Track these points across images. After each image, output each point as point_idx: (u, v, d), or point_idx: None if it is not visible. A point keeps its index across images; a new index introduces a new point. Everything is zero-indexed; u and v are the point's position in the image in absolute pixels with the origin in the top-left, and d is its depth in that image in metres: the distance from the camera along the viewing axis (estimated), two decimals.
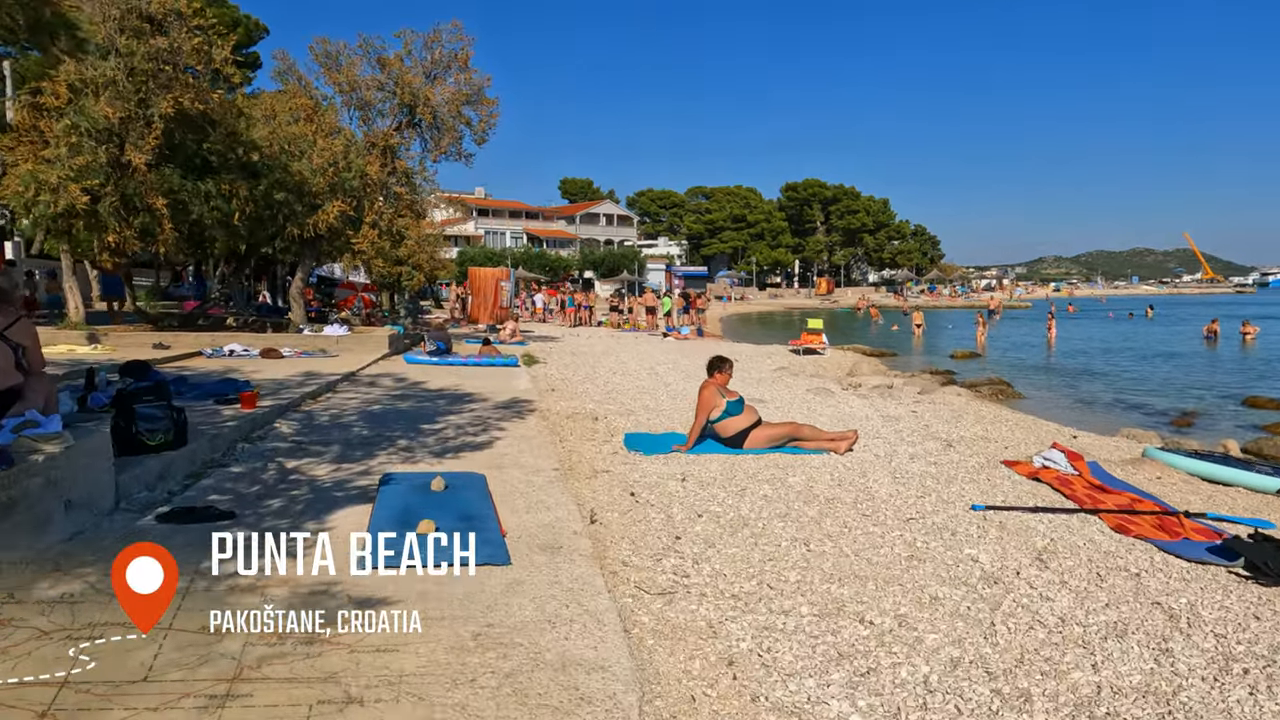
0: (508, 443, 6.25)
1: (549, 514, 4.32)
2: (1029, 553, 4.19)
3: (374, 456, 5.59)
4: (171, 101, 10.43)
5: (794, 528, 4.47)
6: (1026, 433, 8.54)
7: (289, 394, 7.81)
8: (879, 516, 4.76)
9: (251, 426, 6.14)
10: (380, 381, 9.80)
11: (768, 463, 6.08)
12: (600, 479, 5.40)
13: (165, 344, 11.43)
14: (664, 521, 4.49)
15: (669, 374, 12.52)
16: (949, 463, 6.34)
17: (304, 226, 13.40)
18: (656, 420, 7.87)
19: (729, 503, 4.92)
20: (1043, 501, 5.30)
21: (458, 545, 3.54)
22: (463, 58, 14.28)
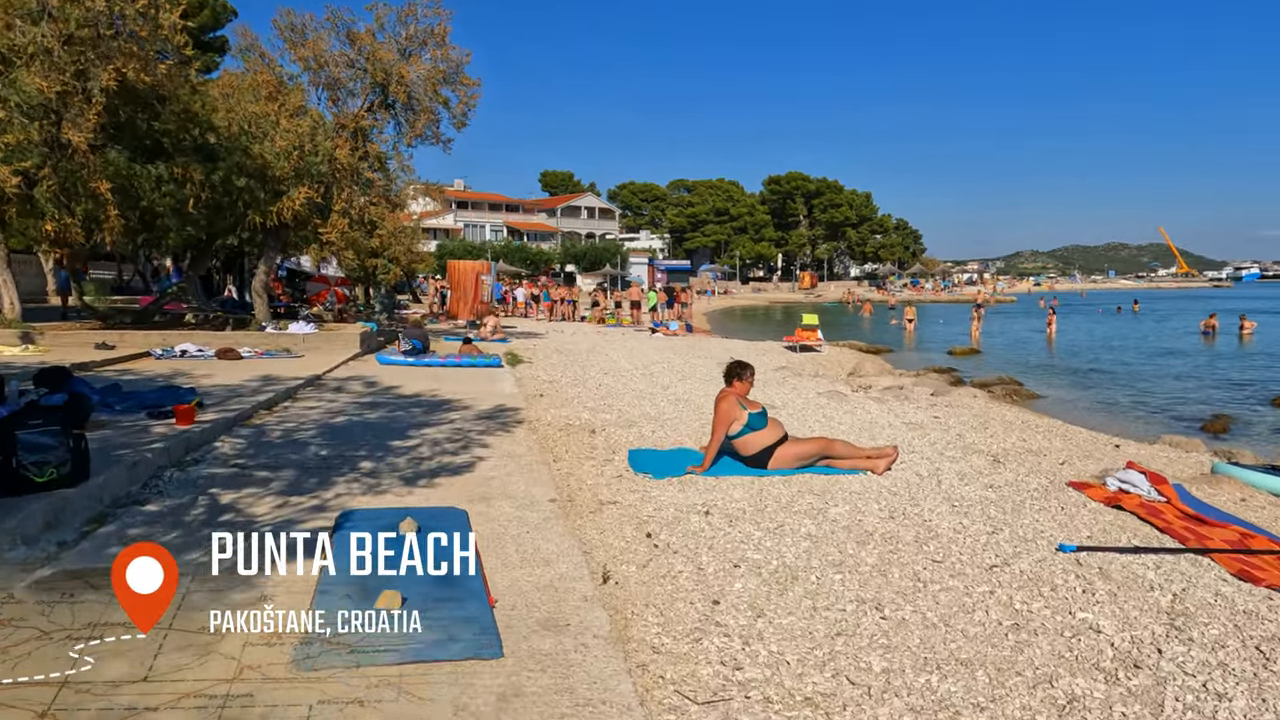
0: (493, 464, 5.31)
1: (549, 569, 3.40)
2: (1155, 615, 3.33)
3: (331, 485, 4.63)
4: (113, 73, 9.32)
5: (856, 582, 3.57)
6: (1067, 442, 7.72)
7: (239, 404, 6.80)
8: (953, 563, 3.87)
9: (185, 448, 5.14)
10: (348, 386, 8.79)
11: (799, 487, 5.18)
12: (607, 513, 4.47)
13: (109, 344, 10.34)
14: (694, 576, 3.57)
15: (664, 375, 11.61)
16: (1006, 484, 5.48)
17: (267, 215, 12.30)
18: (661, 432, 6.95)
19: (767, 545, 4.01)
20: (1133, 535, 4.45)
21: (430, 630, 2.63)
22: (440, 33, 13.23)
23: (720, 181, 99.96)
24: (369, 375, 9.76)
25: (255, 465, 4.99)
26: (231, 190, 12.03)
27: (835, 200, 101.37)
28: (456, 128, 14.05)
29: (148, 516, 3.89)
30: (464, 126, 14.02)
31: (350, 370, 10.28)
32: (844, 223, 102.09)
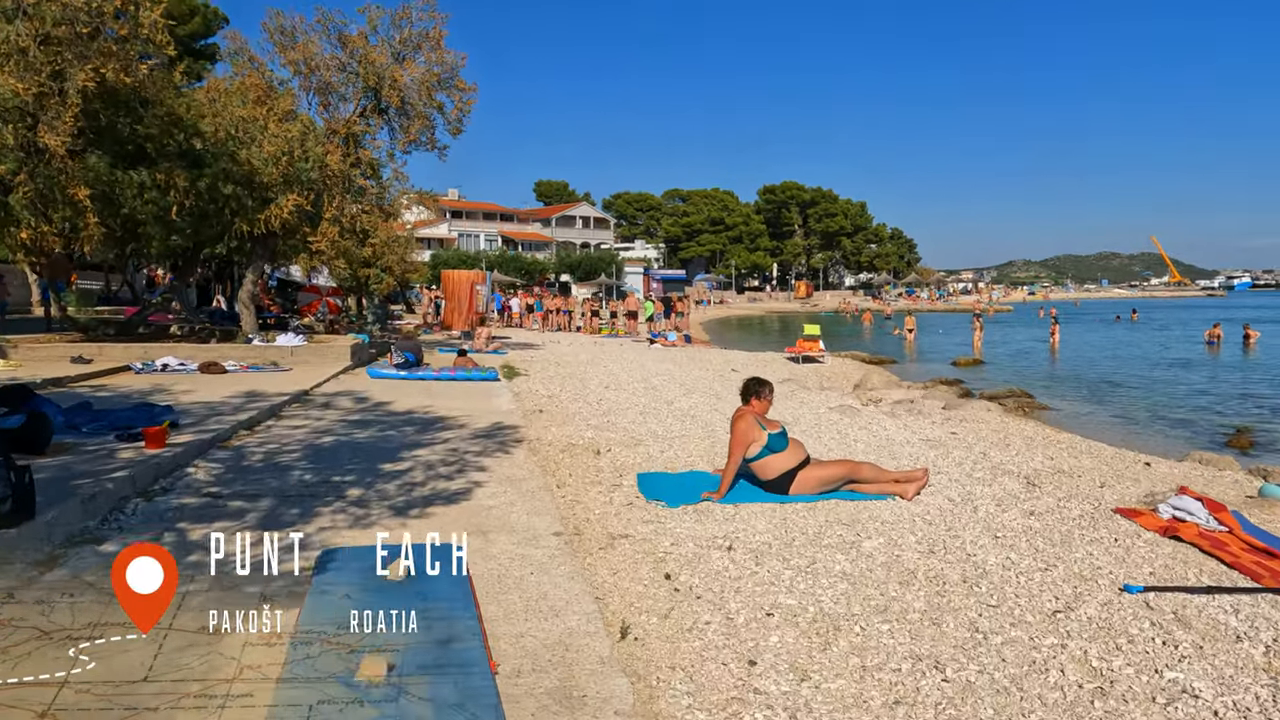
0: (492, 490, 4.88)
1: (558, 621, 2.97)
2: (1253, 673, 2.90)
3: (314, 516, 4.19)
4: (91, 74, 8.88)
5: (906, 633, 3.14)
6: (1096, 461, 7.32)
7: (219, 423, 6.34)
8: (1010, 607, 3.45)
9: (154, 475, 4.69)
10: (337, 402, 8.34)
11: (826, 515, 4.76)
12: (619, 549, 4.03)
13: (87, 357, 9.87)
14: (724, 628, 3.13)
15: (667, 388, 11.18)
16: (1047, 511, 5.06)
17: (254, 223, 11.85)
18: (670, 452, 6.51)
19: (801, 588, 3.58)
20: (1199, 571, 4.03)
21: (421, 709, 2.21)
22: (435, 36, 12.82)
23: (715, 191, 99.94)
24: (359, 390, 9.31)
25: (230, 494, 4.55)
26: (218, 197, 11.58)
27: (830, 210, 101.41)
28: (452, 134, 13.64)
29: (100, 561, 3.44)
30: (460, 133, 13.61)
31: (340, 384, 9.83)
32: (839, 232, 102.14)
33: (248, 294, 13.42)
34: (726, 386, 11.81)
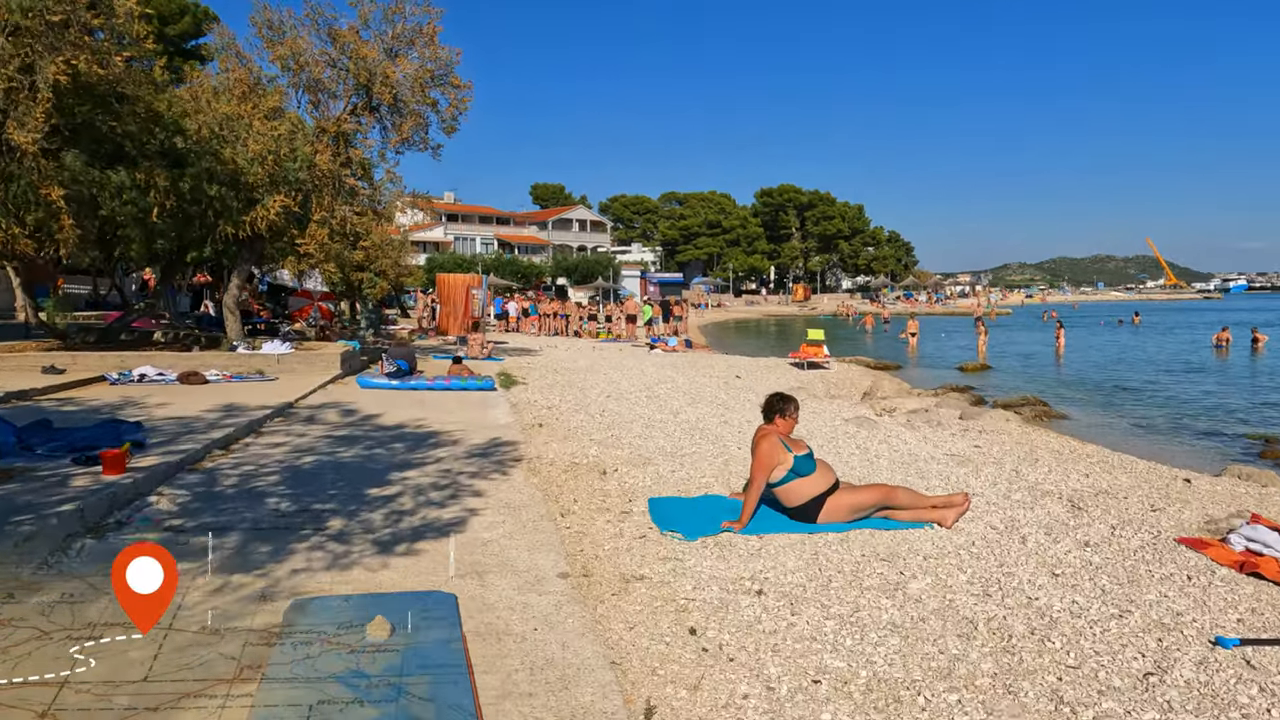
0: (488, 519, 4.39)
1: (569, 696, 2.47)
2: None
3: (288, 555, 3.69)
4: (62, 65, 8.37)
5: (980, 708, 2.65)
6: (1132, 478, 6.85)
7: (191, 441, 5.84)
8: (1094, 668, 2.96)
9: (109, 506, 4.18)
10: (322, 416, 7.83)
11: (861, 548, 4.27)
12: (635, 594, 3.53)
13: (59, 367, 9.34)
14: (765, 702, 2.64)
15: (672, 398, 10.69)
16: (1102, 541, 4.58)
17: (240, 225, 11.34)
18: (681, 472, 6.02)
19: (848, 645, 3.09)
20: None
21: None
22: (429, 32, 12.33)
23: (712, 194, 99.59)
24: (348, 402, 8.80)
25: (195, 527, 4.04)
26: (201, 198, 11.07)
27: (828, 213, 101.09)
28: (446, 133, 13.13)
29: (35, 611, 2.94)
30: (454, 131, 13.09)
31: (327, 395, 9.31)
32: (836, 235, 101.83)
33: (232, 299, 12.89)
34: (733, 395, 11.32)
